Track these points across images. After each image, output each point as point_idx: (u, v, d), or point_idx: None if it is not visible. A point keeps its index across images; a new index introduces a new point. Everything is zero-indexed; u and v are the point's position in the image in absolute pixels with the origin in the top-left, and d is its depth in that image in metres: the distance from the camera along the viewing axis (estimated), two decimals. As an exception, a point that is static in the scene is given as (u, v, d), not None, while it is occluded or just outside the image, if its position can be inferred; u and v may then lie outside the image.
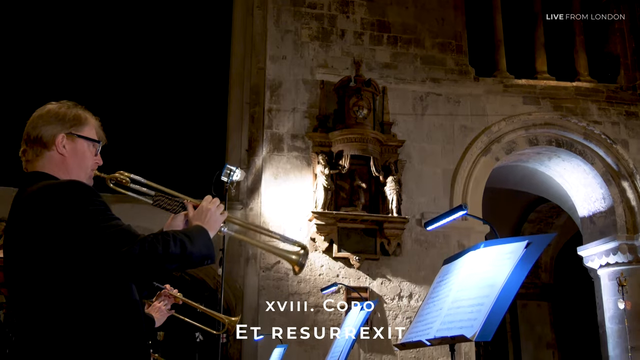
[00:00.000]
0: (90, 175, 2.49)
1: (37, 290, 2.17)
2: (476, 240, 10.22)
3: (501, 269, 2.26)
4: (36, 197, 2.19)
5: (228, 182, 9.37)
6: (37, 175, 2.33)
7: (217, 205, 2.55)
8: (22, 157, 2.43)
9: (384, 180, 9.79)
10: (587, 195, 11.34)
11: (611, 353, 10.83)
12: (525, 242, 2.26)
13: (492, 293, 2.20)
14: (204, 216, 2.50)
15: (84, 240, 2.11)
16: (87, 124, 2.48)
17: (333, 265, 9.65)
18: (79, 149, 2.43)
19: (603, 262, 10.97)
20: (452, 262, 2.62)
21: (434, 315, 2.48)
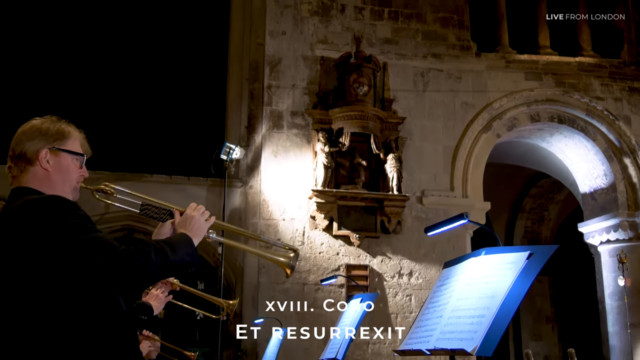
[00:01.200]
0: (76, 188, 2.50)
1: (18, 305, 2.17)
2: (477, 217, 10.20)
3: (502, 279, 2.21)
4: (17, 213, 2.21)
5: (227, 160, 9.37)
6: (21, 191, 2.36)
7: (201, 212, 2.58)
8: (9, 173, 2.45)
9: (384, 158, 9.73)
10: (588, 172, 11.28)
11: (610, 329, 10.87)
12: (527, 253, 2.21)
13: (493, 305, 2.16)
14: (188, 224, 2.52)
15: (64, 253, 2.13)
16: (70, 137, 2.49)
17: (333, 243, 9.63)
18: (62, 163, 2.44)
19: (604, 239, 10.96)
20: (453, 267, 2.58)
21: (434, 322, 2.44)
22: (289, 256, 2.65)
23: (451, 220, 2.69)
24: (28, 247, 2.15)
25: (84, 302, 2.19)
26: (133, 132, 10.08)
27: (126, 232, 9.88)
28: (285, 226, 9.58)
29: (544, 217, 14.70)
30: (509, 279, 2.19)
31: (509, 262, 2.26)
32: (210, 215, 2.62)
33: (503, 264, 2.27)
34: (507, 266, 2.25)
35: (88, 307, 2.20)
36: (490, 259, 2.37)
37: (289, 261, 2.64)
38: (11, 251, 2.18)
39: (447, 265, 2.66)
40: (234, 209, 9.75)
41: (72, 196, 2.46)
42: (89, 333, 2.19)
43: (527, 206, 14.50)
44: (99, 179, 9.47)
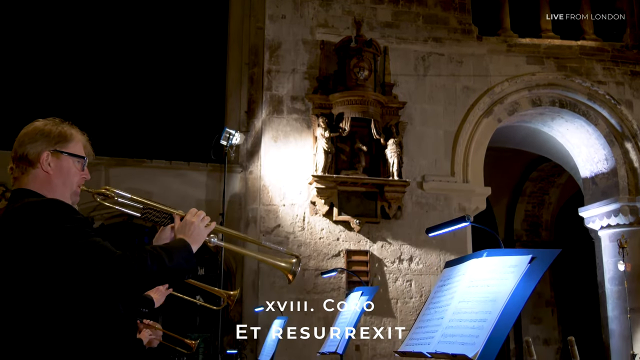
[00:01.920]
0: (77, 191, 2.51)
1: (15, 308, 2.18)
2: (477, 202, 10.20)
3: (504, 283, 2.19)
4: (15, 216, 2.22)
5: (227, 145, 9.33)
6: (22, 193, 2.38)
7: (201, 218, 2.58)
8: (11, 174, 2.47)
9: (384, 143, 9.69)
10: (589, 156, 11.24)
11: (610, 314, 10.89)
12: (529, 257, 2.19)
13: (495, 310, 2.14)
14: (187, 229, 2.52)
15: (60, 258, 2.13)
16: (73, 140, 2.50)
17: (333, 228, 9.62)
18: (64, 166, 2.45)
19: (604, 224, 10.94)
20: (455, 267, 2.56)
21: (435, 323, 2.42)
22: (290, 262, 2.66)
23: (453, 223, 2.67)
24: (25, 252, 2.15)
25: (81, 306, 2.20)
26: (133, 117, 10.03)
27: (125, 217, 9.84)
28: (285, 212, 9.56)
29: (544, 201, 14.68)
30: (511, 284, 2.16)
31: (510, 266, 2.23)
32: (210, 220, 2.61)
33: (505, 267, 2.25)
34: (508, 270, 2.23)
35: (85, 310, 2.21)
36: (491, 261, 2.34)
37: (291, 267, 2.65)
38: (9, 255, 2.18)
39: (448, 264, 2.63)
40: (234, 195, 9.73)
41: (72, 199, 2.48)
42: (86, 336, 2.20)
43: (527, 190, 14.47)
44: (98, 164, 9.46)
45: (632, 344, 10.20)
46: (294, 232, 9.52)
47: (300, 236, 9.53)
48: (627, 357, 10.21)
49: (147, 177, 9.67)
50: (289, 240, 9.47)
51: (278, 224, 9.50)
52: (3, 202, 9.11)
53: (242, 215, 9.70)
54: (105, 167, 9.51)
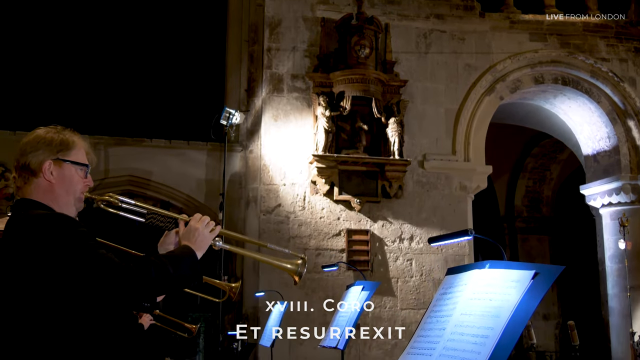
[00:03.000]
0: (80, 198, 2.51)
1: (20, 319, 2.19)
2: (478, 181, 10.17)
3: (506, 298, 2.16)
4: (21, 230, 2.23)
5: (227, 125, 9.27)
6: (25, 203, 2.38)
7: (205, 223, 2.56)
8: (13, 183, 2.49)
9: (385, 122, 9.63)
10: (591, 134, 11.18)
11: (610, 291, 10.92)
12: (532, 272, 2.15)
13: (497, 326, 2.12)
14: (192, 236, 2.53)
15: (66, 272, 2.14)
16: (75, 147, 2.50)
17: (334, 208, 9.60)
18: (66, 174, 2.44)
19: (605, 202, 10.93)
20: (457, 275, 2.53)
21: (436, 334, 2.40)
22: (296, 263, 2.67)
23: (456, 235, 2.64)
24: (31, 265, 2.16)
25: (87, 316, 2.21)
26: (132, 96, 9.95)
27: (125, 196, 9.82)
28: (285, 191, 9.53)
29: (545, 177, 14.65)
30: (514, 300, 2.14)
31: (513, 280, 2.20)
32: (215, 224, 2.60)
33: (507, 282, 2.22)
34: (511, 284, 2.20)
35: (91, 320, 2.22)
36: (494, 273, 2.31)
37: (297, 268, 2.66)
38: (16, 267, 2.20)
39: (450, 272, 2.61)
40: (234, 174, 9.69)
41: (75, 207, 2.49)
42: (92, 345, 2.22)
43: (529, 166, 14.43)
44: (98, 143, 9.42)
45: (632, 322, 10.24)
46: (295, 211, 9.50)
47: (301, 216, 9.51)
48: (626, 335, 10.25)
49: (146, 156, 9.63)
50: (289, 219, 9.46)
51: (278, 203, 9.48)
52: (2, 182, 9.09)
53: (242, 194, 9.67)
54: (104, 147, 9.46)
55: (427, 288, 9.68)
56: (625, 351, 10.34)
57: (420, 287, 9.67)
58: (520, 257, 14.43)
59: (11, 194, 9.08)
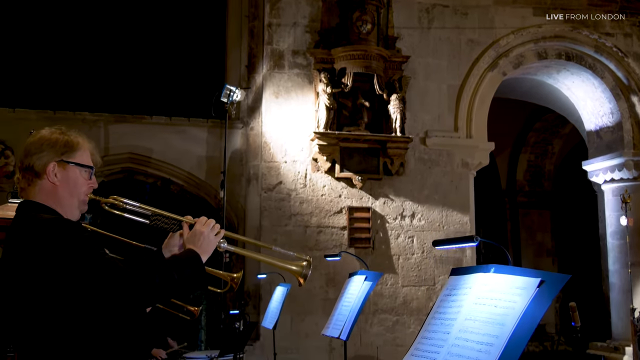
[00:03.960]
0: (84, 201, 2.49)
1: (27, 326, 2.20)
2: (480, 158, 10.13)
3: (512, 306, 2.14)
4: (26, 235, 2.22)
5: (228, 102, 9.19)
6: (29, 205, 2.36)
7: (210, 227, 2.55)
8: (17, 184, 2.45)
9: (387, 99, 9.56)
10: (594, 109, 11.10)
11: (611, 267, 10.94)
12: (537, 280, 2.13)
13: (502, 335, 2.10)
14: (197, 240, 2.52)
15: (71, 278, 2.13)
16: (79, 149, 2.46)
17: (335, 185, 9.57)
18: (70, 176, 2.42)
19: (608, 178, 10.89)
20: (461, 277, 2.50)
21: (440, 337, 2.39)
22: (301, 265, 2.67)
23: (461, 241, 2.61)
24: (34, 272, 2.15)
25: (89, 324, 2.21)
26: (132, 73, 9.86)
27: (126, 174, 9.80)
28: (287, 168, 9.50)
29: (547, 151, 14.59)
30: (519, 308, 2.11)
31: (518, 287, 2.18)
32: (220, 228, 2.58)
33: (512, 289, 2.19)
34: (516, 292, 2.17)
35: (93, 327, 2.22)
36: (499, 278, 2.29)
37: (302, 270, 2.66)
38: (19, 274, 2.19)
39: (454, 272, 2.58)
40: (235, 151, 9.64)
41: (80, 208, 2.47)
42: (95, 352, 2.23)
43: (531, 140, 14.36)
44: (97, 120, 9.37)
45: (632, 298, 10.27)
46: (296, 189, 9.47)
47: (302, 193, 9.49)
48: (626, 311, 10.29)
49: (147, 133, 9.57)
50: (290, 197, 9.44)
51: (280, 180, 9.45)
52: (2, 160, 9.05)
53: (243, 171, 9.63)
54: (104, 124, 9.40)
55: (429, 265, 9.69)
56: (625, 327, 10.38)
57: (421, 264, 9.68)
58: (521, 232, 14.45)
59: (11, 172, 9.04)
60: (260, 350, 9.00)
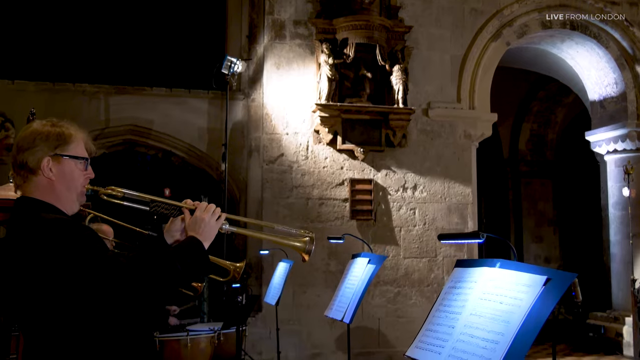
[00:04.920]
0: (82, 192, 2.46)
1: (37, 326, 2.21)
2: (483, 129, 10.07)
3: (517, 304, 2.12)
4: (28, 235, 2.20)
5: (229, 74, 9.11)
6: (26, 202, 2.32)
7: (211, 212, 2.53)
8: (12, 180, 2.41)
9: (390, 69, 9.46)
10: (598, 79, 11.00)
11: (612, 238, 10.95)
12: (544, 278, 2.11)
13: (508, 333, 2.08)
14: (198, 226, 2.48)
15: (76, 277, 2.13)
16: (73, 141, 2.41)
17: (337, 157, 9.54)
18: (66, 170, 2.38)
19: (611, 149, 10.84)
20: (466, 270, 2.48)
21: (445, 331, 2.37)
22: (304, 241, 2.68)
23: (467, 237, 2.58)
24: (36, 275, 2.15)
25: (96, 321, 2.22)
26: (132, 44, 9.75)
27: (127, 145, 9.76)
28: (288, 140, 9.45)
29: (550, 121, 14.50)
30: (525, 306, 2.10)
31: (524, 285, 2.16)
32: (221, 212, 2.54)
33: (518, 286, 2.17)
34: (522, 289, 2.15)
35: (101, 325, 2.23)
36: (504, 274, 2.27)
37: (305, 246, 2.67)
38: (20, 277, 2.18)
39: (459, 264, 2.56)
40: (236, 122, 9.58)
41: (78, 200, 2.45)
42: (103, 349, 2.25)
43: (534, 109, 14.26)
44: (97, 92, 9.30)
45: (633, 268, 10.30)
46: (298, 161, 9.44)
47: (304, 165, 9.45)
48: (627, 282, 10.33)
49: (147, 105, 9.50)
50: (292, 169, 9.40)
51: (281, 153, 9.41)
52: (2, 132, 9.00)
53: (244, 143, 9.58)
54: (104, 96, 9.33)
55: (430, 237, 9.70)
56: (625, 297, 10.44)
57: (423, 236, 9.68)
58: (522, 201, 14.44)
59: (12, 145, 8.99)
60: (263, 323, 9.05)
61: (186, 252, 2.34)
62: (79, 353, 2.20)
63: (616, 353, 10.39)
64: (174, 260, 2.26)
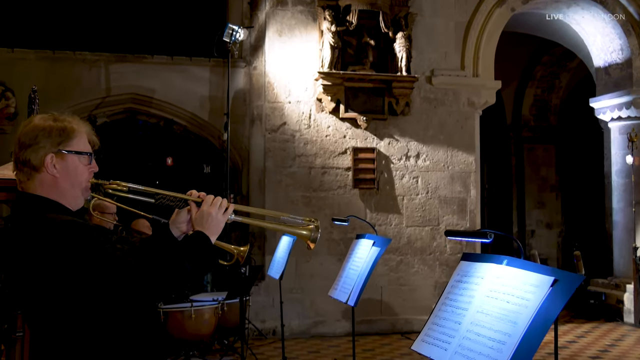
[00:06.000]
0: (87, 187, 2.42)
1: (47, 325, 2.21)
2: (487, 96, 10.00)
3: (524, 304, 2.11)
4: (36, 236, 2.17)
5: (230, 42, 9.00)
6: (32, 201, 2.29)
7: (218, 206, 2.47)
8: (15, 176, 2.36)
9: (393, 37, 9.36)
10: (604, 45, 10.87)
11: (615, 205, 10.94)
12: (551, 279, 2.09)
13: (515, 334, 2.08)
14: (205, 221, 2.44)
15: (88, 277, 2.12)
16: (76, 135, 2.36)
17: (340, 126, 9.48)
18: (70, 166, 2.33)
19: (615, 116, 10.76)
20: (473, 264, 2.47)
21: (452, 327, 2.37)
22: (310, 228, 2.64)
23: (473, 235, 2.56)
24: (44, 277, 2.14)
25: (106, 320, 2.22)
26: (133, 11, 9.61)
27: (128, 114, 9.70)
28: (290, 109, 9.39)
29: (554, 85, 14.36)
30: (532, 307, 2.09)
31: (531, 285, 2.14)
32: (228, 205, 2.51)
33: (525, 285, 2.16)
34: (529, 289, 2.14)
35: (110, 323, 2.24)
36: (511, 272, 2.25)
37: (311, 233, 2.64)
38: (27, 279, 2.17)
39: (466, 257, 2.54)
40: (238, 91, 9.50)
41: (83, 196, 2.42)
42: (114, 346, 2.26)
43: (538, 74, 14.11)
44: (97, 60, 9.21)
45: (635, 236, 10.32)
46: (300, 129, 9.39)
47: (306, 134, 9.41)
48: (629, 249, 10.36)
49: (148, 73, 9.42)
50: (294, 138, 9.36)
51: (284, 121, 9.36)
52: (3, 101, 8.94)
53: (246, 112, 9.52)
54: (104, 64, 9.24)
55: (433, 206, 9.69)
56: (627, 265, 10.48)
57: (425, 204, 9.68)
58: (525, 167, 14.39)
59: (12, 114, 8.96)
60: (266, 291, 9.10)
61: (194, 251, 2.32)
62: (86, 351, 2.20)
63: (616, 320, 10.46)
64: (183, 260, 2.24)
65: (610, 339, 9.19)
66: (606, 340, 9.10)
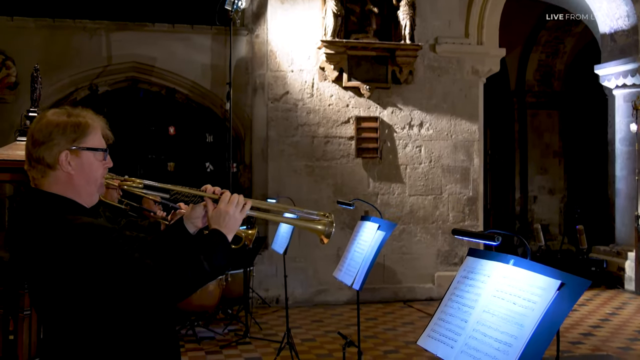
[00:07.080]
0: (102, 184, 2.38)
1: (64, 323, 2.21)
2: (491, 64, 9.92)
3: (531, 306, 2.11)
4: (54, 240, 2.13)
5: (232, 10, 8.90)
6: (47, 200, 2.24)
7: (235, 204, 2.41)
8: (28, 173, 2.31)
9: (397, 4, 9.26)
10: (610, 11, 10.73)
11: (618, 173, 10.93)
12: (558, 282, 2.08)
13: (521, 336, 2.08)
14: (222, 220, 2.38)
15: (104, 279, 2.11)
16: (91, 131, 2.28)
17: (343, 94, 9.43)
18: (85, 163, 2.27)
19: (620, 83, 10.68)
20: (479, 261, 2.46)
21: (458, 324, 2.37)
22: (324, 223, 2.60)
23: (481, 237, 2.55)
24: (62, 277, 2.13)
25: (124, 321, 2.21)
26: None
27: (130, 82, 9.63)
28: (293, 78, 9.32)
29: (559, 50, 14.21)
30: (538, 310, 2.08)
31: (538, 287, 2.14)
32: (245, 202, 2.46)
33: (532, 287, 2.16)
34: (536, 292, 2.14)
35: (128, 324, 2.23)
36: (518, 273, 2.25)
37: (325, 228, 2.60)
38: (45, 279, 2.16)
39: (472, 253, 2.54)
40: (240, 59, 9.42)
41: (98, 193, 2.37)
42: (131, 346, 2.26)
43: (542, 39, 13.95)
44: (98, 29, 9.12)
45: (638, 204, 10.32)
46: (303, 98, 9.34)
47: (309, 103, 9.36)
48: (631, 217, 10.39)
49: (149, 41, 9.32)
50: (297, 107, 9.31)
51: (286, 90, 9.30)
52: (4, 70, 8.87)
53: (249, 81, 9.45)
54: (105, 32, 9.15)
55: (436, 175, 9.68)
56: (629, 233, 10.51)
57: (429, 173, 9.67)
58: (528, 132, 14.33)
59: (13, 83, 8.90)
60: (269, 260, 9.15)
61: (212, 249, 2.27)
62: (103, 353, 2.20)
63: (617, 287, 10.54)
64: (202, 261, 2.21)
65: (611, 307, 9.26)
66: (607, 309, 9.16)
